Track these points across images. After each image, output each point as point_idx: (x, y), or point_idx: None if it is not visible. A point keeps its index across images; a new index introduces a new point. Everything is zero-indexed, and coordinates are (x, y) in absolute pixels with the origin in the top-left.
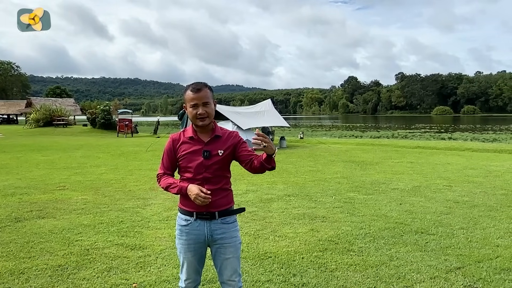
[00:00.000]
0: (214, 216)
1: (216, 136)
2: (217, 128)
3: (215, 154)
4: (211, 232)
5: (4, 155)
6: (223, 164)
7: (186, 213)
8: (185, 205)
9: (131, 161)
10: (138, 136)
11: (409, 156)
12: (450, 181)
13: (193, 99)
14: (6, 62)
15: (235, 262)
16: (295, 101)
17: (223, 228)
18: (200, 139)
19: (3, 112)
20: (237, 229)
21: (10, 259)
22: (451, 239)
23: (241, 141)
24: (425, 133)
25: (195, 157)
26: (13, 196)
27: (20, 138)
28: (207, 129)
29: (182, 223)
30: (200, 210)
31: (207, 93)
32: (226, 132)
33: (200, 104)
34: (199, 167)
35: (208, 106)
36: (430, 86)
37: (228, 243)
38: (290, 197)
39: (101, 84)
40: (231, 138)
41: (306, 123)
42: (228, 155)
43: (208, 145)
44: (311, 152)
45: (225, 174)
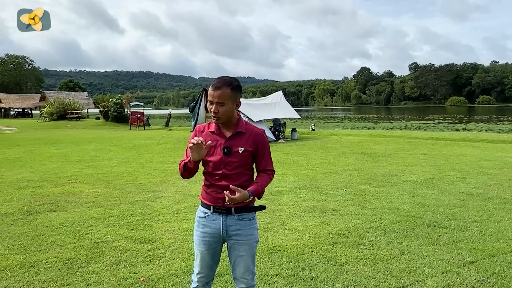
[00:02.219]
0: (230, 212)
1: (238, 132)
2: (241, 123)
3: (236, 151)
4: (226, 227)
5: (18, 148)
6: (244, 161)
7: (204, 206)
8: (204, 198)
9: (143, 154)
10: (150, 128)
11: (422, 147)
12: (464, 173)
13: (210, 95)
14: (20, 56)
15: (248, 260)
16: (307, 92)
17: (239, 224)
18: (222, 133)
19: (18, 106)
20: (254, 227)
21: (21, 252)
22: (464, 233)
23: (266, 145)
24: (439, 124)
25: (215, 152)
26: (26, 189)
27: (34, 131)
28: (230, 124)
29: (201, 215)
30: (217, 204)
31: (225, 93)
32: (251, 128)
33: (214, 102)
34: (218, 163)
35: (222, 106)
36: (444, 76)
37: (243, 241)
38: (300, 190)
39: (114, 77)
40: (256, 137)
41: (318, 115)
42: (249, 153)
43: (229, 141)
44: (322, 144)
45: (246, 172)
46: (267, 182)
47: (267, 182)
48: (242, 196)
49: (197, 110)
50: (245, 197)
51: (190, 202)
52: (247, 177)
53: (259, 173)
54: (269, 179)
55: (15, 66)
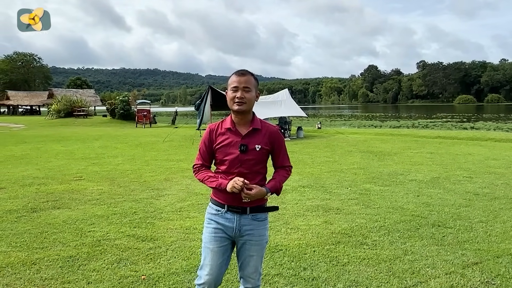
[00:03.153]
0: (245, 211)
1: (254, 129)
2: (256, 120)
3: (253, 149)
4: (239, 226)
5: (25, 145)
6: (260, 159)
7: (217, 204)
8: (218, 196)
9: (148, 152)
10: (156, 126)
11: (429, 146)
12: (471, 172)
13: (235, 82)
14: (28, 54)
15: (258, 261)
16: (314, 90)
17: (253, 224)
18: (238, 131)
19: (26, 103)
20: (266, 228)
21: (24, 249)
22: (469, 233)
23: (282, 142)
24: (447, 123)
25: (231, 150)
26: (31, 186)
27: (42, 128)
28: (245, 120)
29: (213, 212)
30: (232, 204)
31: (251, 79)
32: (266, 125)
33: (241, 88)
34: (234, 161)
35: (249, 92)
36: (452, 74)
37: (255, 241)
38: (304, 188)
39: (121, 75)
40: (272, 134)
41: (325, 113)
42: (266, 150)
43: (246, 138)
44: (328, 142)
45: (262, 170)
46: (285, 178)
47: (285, 178)
48: (258, 192)
49: (202, 108)
50: (262, 194)
51: (193, 200)
52: (262, 175)
53: (277, 169)
54: (287, 174)
55: (23, 63)
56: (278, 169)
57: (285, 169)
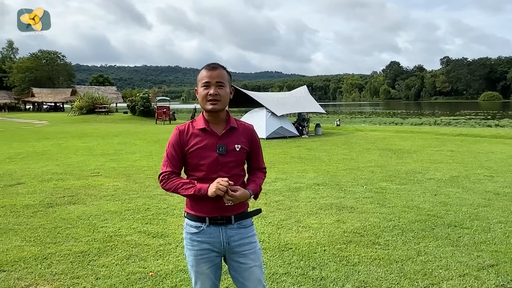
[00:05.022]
0: (230, 221)
1: (231, 128)
2: (231, 119)
3: (232, 149)
4: (227, 239)
5: (47, 141)
6: (240, 161)
7: (196, 220)
8: (196, 209)
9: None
10: (176, 123)
11: (450, 144)
12: (492, 171)
13: (206, 77)
14: (52, 52)
15: (257, 271)
16: (334, 87)
17: (241, 233)
18: (213, 131)
19: (50, 100)
20: (255, 233)
21: (37, 244)
22: (486, 234)
23: (259, 142)
24: (470, 120)
25: (207, 152)
26: (49, 181)
27: (64, 125)
28: (220, 119)
29: (192, 231)
30: (213, 215)
31: (223, 73)
32: (241, 123)
33: (214, 83)
34: (212, 164)
35: (222, 88)
36: (477, 70)
37: (248, 250)
38: (319, 186)
39: (143, 72)
40: (248, 132)
41: (346, 110)
42: (245, 151)
43: (223, 139)
44: (346, 139)
45: (242, 173)
46: (263, 180)
47: (263, 180)
48: (243, 194)
49: None
50: (246, 196)
51: None
52: (243, 179)
53: (254, 171)
54: (264, 177)
55: (48, 61)
56: (255, 171)
57: (262, 171)
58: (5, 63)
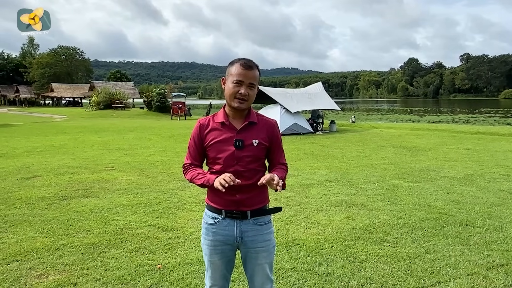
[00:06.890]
0: (245, 216)
1: (250, 123)
2: (253, 113)
3: (249, 144)
4: (241, 233)
5: (64, 136)
6: (258, 156)
7: (214, 211)
8: (214, 201)
9: (179, 143)
10: (191, 118)
11: (466, 142)
12: (508, 169)
13: (240, 75)
14: (71, 48)
15: (266, 269)
16: (351, 84)
17: (256, 230)
18: (232, 125)
19: (68, 95)
20: (271, 231)
21: (50, 235)
22: (498, 233)
23: (280, 138)
24: (489, 118)
25: (225, 146)
26: (64, 175)
27: (81, 120)
28: (241, 114)
29: (209, 221)
30: (230, 208)
31: (256, 74)
32: (263, 119)
33: (246, 84)
34: (229, 158)
35: (253, 89)
36: (498, 67)
37: (261, 247)
38: (330, 183)
39: (160, 68)
40: (269, 128)
41: (362, 107)
42: (264, 146)
43: (241, 133)
44: (361, 136)
45: (260, 168)
46: (285, 172)
47: (286, 173)
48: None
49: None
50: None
51: None
52: (261, 174)
53: (275, 166)
54: (286, 173)
55: (67, 57)
56: (276, 167)
57: (283, 167)
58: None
